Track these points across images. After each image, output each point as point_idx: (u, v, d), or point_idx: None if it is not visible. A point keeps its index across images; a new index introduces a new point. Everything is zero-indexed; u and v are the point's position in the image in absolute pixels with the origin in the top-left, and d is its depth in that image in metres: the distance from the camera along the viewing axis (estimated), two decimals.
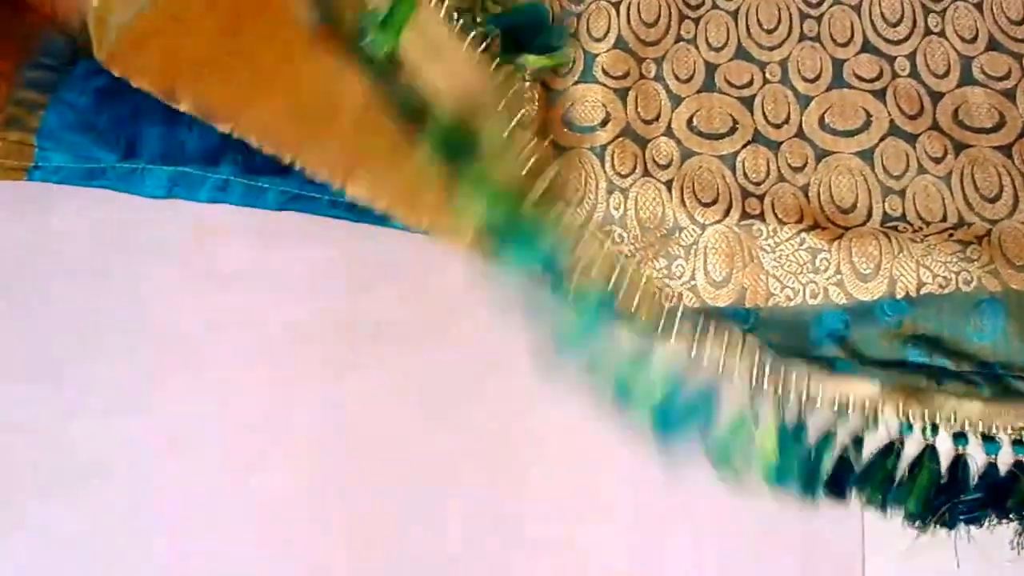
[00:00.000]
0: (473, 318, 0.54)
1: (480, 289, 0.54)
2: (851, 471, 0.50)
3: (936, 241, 0.51)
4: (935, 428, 0.50)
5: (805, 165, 0.54)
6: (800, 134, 0.55)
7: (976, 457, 0.50)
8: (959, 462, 0.50)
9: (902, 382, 0.50)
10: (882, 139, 0.55)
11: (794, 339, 0.51)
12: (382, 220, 0.57)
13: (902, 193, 0.53)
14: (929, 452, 0.50)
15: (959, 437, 0.50)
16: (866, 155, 0.54)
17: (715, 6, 0.59)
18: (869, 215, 0.53)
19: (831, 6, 0.59)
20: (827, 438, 0.50)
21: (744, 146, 0.55)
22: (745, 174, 0.54)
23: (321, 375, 0.54)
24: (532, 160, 0.51)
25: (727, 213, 0.53)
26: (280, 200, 0.58)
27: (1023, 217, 0.52)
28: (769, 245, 0.52)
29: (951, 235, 0.51)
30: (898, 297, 0.50)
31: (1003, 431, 0.49)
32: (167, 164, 0.58)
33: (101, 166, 0.58)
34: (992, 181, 0.53)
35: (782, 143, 0.55)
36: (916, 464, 0.50)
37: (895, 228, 0.52)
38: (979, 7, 0.58)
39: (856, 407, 0.50)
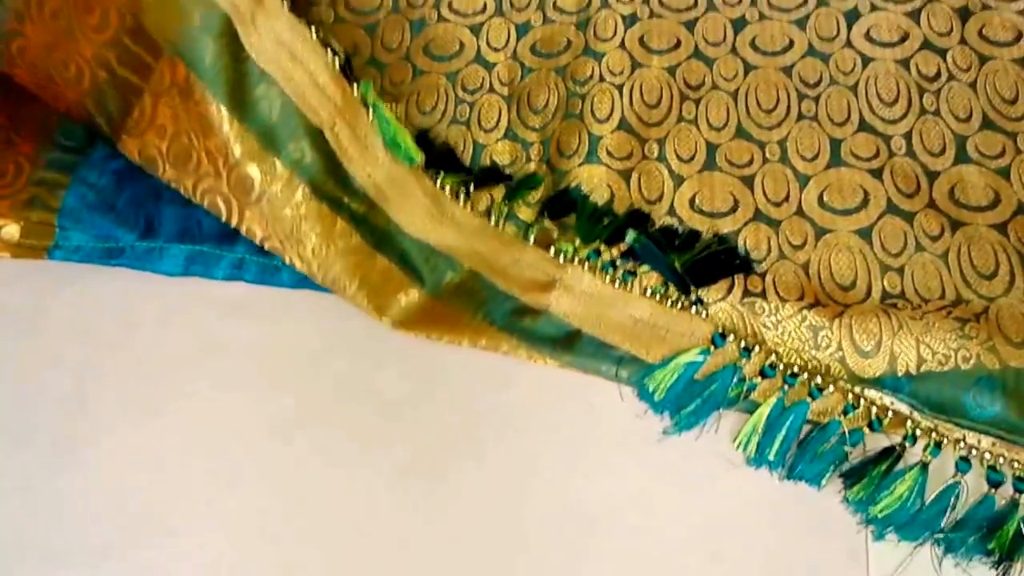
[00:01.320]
0: (471, 388, 0.56)
1: (478, 359, 0.55)
2: (841, 463, 0.51)
3: (935, 318, 0.52)
4: (938, 446, 0.51)
5: (805, 243, 0.55)
6: (800, 212, 0.56)
7: (969, 485, 0.50)
8: (951, 488, 0.50)
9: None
10: (880, 217, 0.56)
11: None
12: None
13: (900, 270, 0.54)
14: (920, 467, 0.50)
15: (963, 461, 0.50)
16: (864, 233, 0.55)
17: (715, 87, 0.61)
18: (869, 292, 0.54)
19: (828, 86, 0.60)
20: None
21: (745, 224, 0.56)
22: (747, 252, 0.55)
23: (330, 450, 0.54)
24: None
25: (730, 291, 0.54)
26: (294, 278, 0.59)
27: (1020, 294, 0.53)
28: (771, 322, 0.53)
29: (949, 312, 0.52)
30: (899, 374, 0.51)
31: (1008, 465, 0.50)
32: (184, 243, 0.60)
33: (120, 245, 0.60)
34: (988, 258, 0.54)
35: (782, 221, 0.56)
36: (904, 474, 0.51)
37: (894, 305, 0.53)
38: (973, 86, 0.60)
39: (867, 409, 0.52)
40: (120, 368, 0.57)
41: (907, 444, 0.51)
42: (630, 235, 0.54)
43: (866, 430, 0.52)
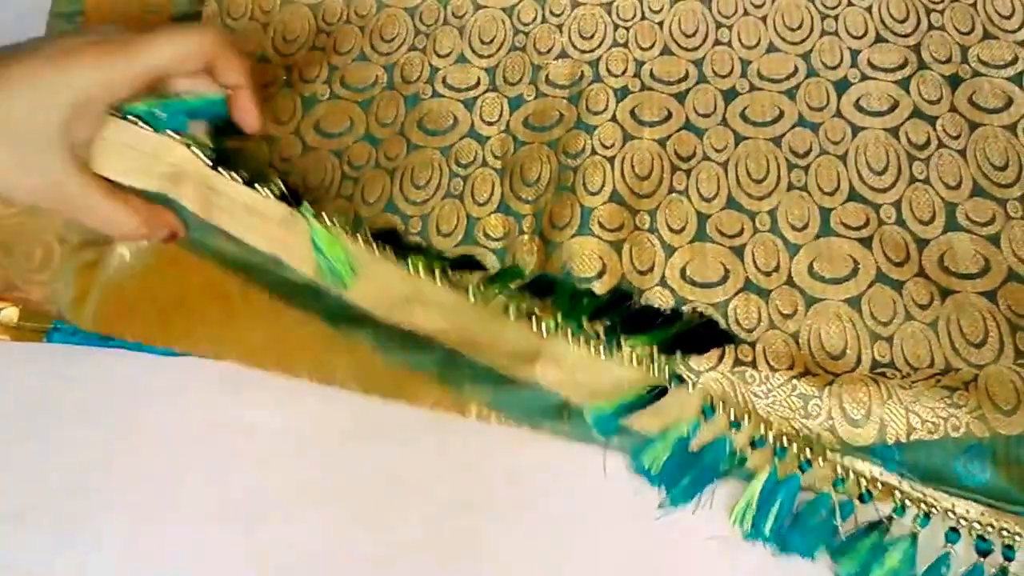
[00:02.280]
0: (488, 464, 0.56)
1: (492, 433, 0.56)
2: (832, 536, 0.51)
3: (924, 387, 0.52)
4: (927, 517, 0.51)
5: (795, 312, 0.56)
6: (790, 282, 0.57)
7: (960, 554, 0.50)
8: (941, 559, 0.50)
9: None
10: (869, 286, 0.56)
11: None
12: None
13: (890, 339, 0.54)
14: (910, 539, 0.50)
15: (952, 532, 0.50)
16: (854, 302, 0.56)
17: (706, 158, 0.62)
18: (859, 361, 0.54)
19: (818, 156, 0.61)
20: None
21: (736, 294, 0.57)
22: (737, 321, 0.56)
23: (335, 527, 0.55)
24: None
25: (720, 359, 0.54)
26: None
27: (1009, 362, 0.53)
28: (762, 391, 0.53)
29: (938, 381, 0.52)
30: (889, 443, 0.51)
31: (997, 534, 0.50)
32: None
33: None
34: (977, 326, 0.54)
35: (772, 291, 0.57)
36: (893, 546, 0.50)
37: (883, 374, 0.53)
38: (963, 153, 0.60)
39: (856, 481, 0.51)
40: (122, 452, 0.58)
41: (895, 515, 0.51)
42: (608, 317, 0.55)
43: (856, 502, 0.51)
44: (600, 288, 0.57)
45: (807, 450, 0.51)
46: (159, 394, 0.59)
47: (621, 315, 0.56)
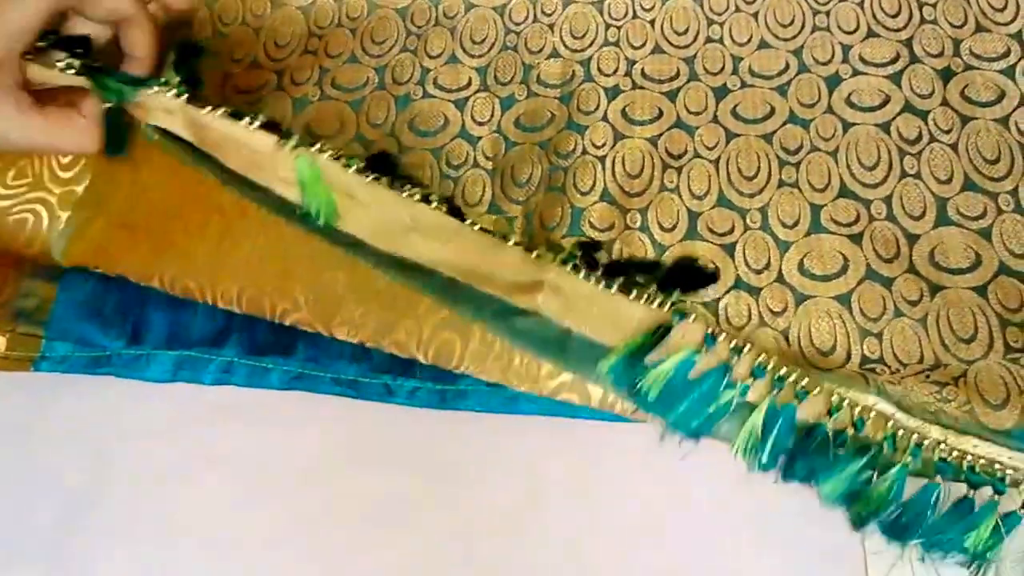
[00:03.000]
0: (479, 492, 0.56)
1: (484, 462, 0.55)
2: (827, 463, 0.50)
3: (913, 382, 0.52)
4: (919, 447, 0.49)
5: (785, 309, 0.56)
6: (780, 279, 0.57)
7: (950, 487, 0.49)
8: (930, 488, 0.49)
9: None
10: (859, 283, 0.56)
11: None
12: (384, 397, 0.59)
13: (879, 336, 0.55)
14: (900, 468, 0.49)
15: (942, 463, 0.49)
16: (844, 299, 0.56)
17: (697, 155, 0.62)
18: (848, 358, 0.54)
19: (809, 152, 0.61)
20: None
21: (727, 292, 0.57)
22: (728, 320, 0.56)
23: (328, 559, 0.55)
24: None
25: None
26: (284, 380, 0.60)
27: (999, 357, 0.53)
28: None
29: (928, 376, 0.52)
30: None
31: (990, 466, 0.49)
32: (172, 348, 0.60)
33: (107, 354, 0.61)
34: (967, 321, 0.54)
35: (763, 288, 0.57)
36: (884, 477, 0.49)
37: (873, 370, 0.53)
38: (954, 147, 0.60)
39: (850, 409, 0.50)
40: (112, 483, 0.58)
41: (886, 445, 0.50)
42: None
43: (850, 430, 0.50)
44: None
45: (804, 379, 0.50)
46: (149, 423, 0.59)
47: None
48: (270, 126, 0.53)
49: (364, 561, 0.54)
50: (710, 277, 0.57)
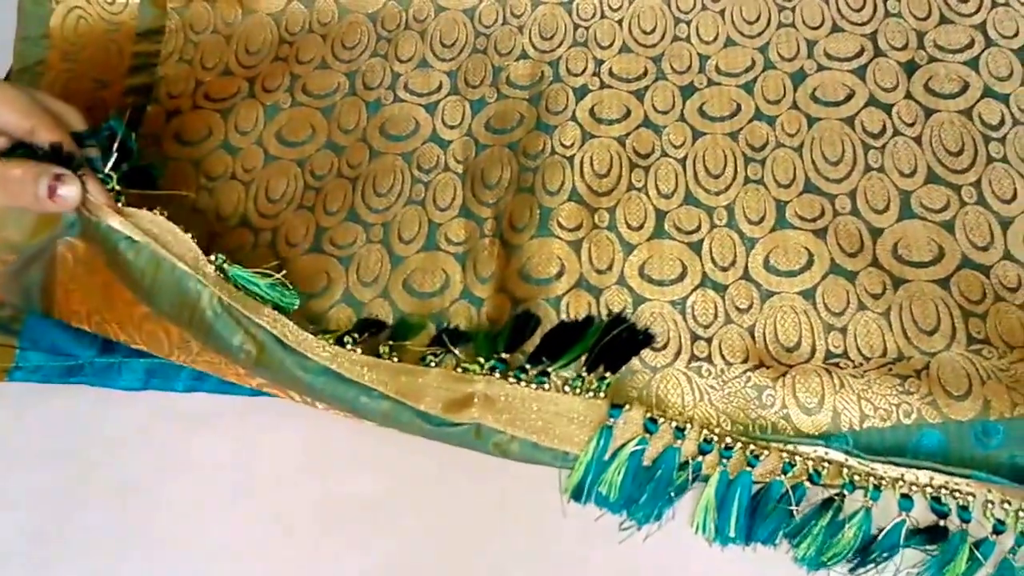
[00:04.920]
0: (451, 493, 0.56)
1: (456, 464, 0.56)
2: (788, 521, 0.51)
3: (876, 376, 0.53)
4: (877, 488, 0.51)
5: (751, 306, 0.57)
6: (746, 276, 0.58)
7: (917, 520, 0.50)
8: (897, 527, 0.50)
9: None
10: (823, 278, 0.57)
11: None
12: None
13: (843, 330, 0.55)
14: (864, 513, 0.50)
15: (904, 499, 0.50)
16: (808, 294, 0.57)
17: (664, 154, 0.63)
18: (813, 352, 0.55)
19: (774, 149, 0.62)
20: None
21: (693, 290, 0.58)
22: (695, 318, 0.57)
23: (301, 564, 0.55)
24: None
25: (677, 356, 0.55)
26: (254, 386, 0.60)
27: (961, 348, 0.54)
28: (718, 384, 0.54)
29: (890, 369, 0.53)
30: (843, 430, 0.52)
31: (951, 496, 0.50)
32: (143, 356, 0.60)
33: (80, 363, 0.61)
34: (930, 314, 0.55)
35: (729, 285, 0.57)
36: (848, 522, 0.50)
37: (837, 365, 0.54)
38: (918, 140, 0.61)
39: (804, 464, 0.51)
40: (88, 491, 0.58)
41: (846, 492, 0.51)
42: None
43: (807, 484, 0.52)
44: (559, 288, 0.58)
45: (751, 445, 0.52)
46: (122, 431, 0.60)
47: (543, 340, 0.56)
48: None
49: (338, 565, 0.55)
50: (643, 342, 0.57)
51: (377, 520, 0.56)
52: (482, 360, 0.55)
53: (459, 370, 0.54)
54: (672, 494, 0.52)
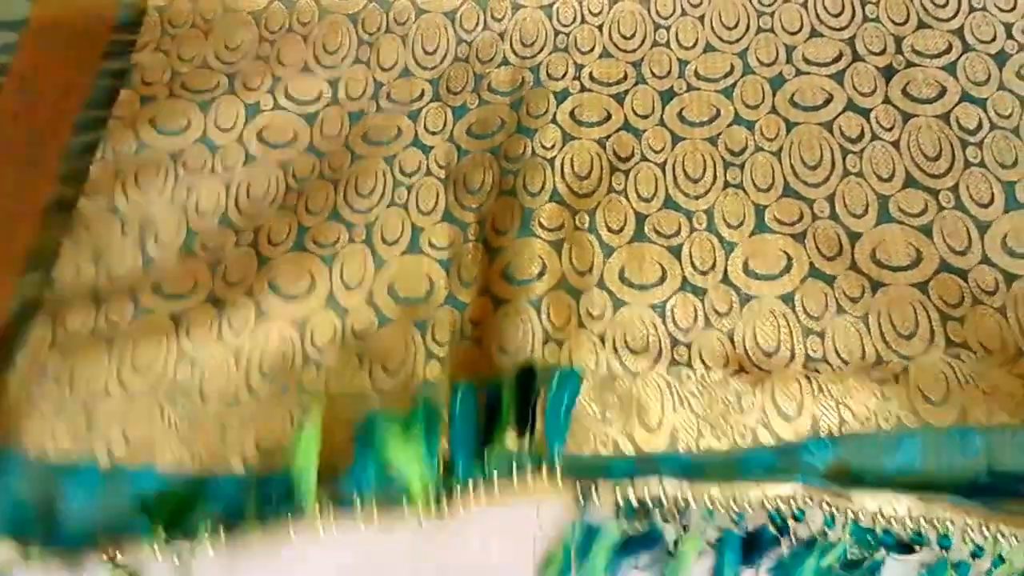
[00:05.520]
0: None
1: None
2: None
3: (854, 381, 0.53)
4: (857, 523, 0.51)
5: (730, 310, 0.57)
6: (726, 280, 0.58)
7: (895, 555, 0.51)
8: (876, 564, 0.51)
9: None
10: (802, 281, 0.57)
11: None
12: None
13: (822, 334, 0.56)
14: (844, 551, 0.51)
15: (885, 534, 0.51)
16: (787, 298, 0.57)
17: (644, 158, 0.63)
18: (792, 357, 0.55)
19: (753, 153, 0.62)
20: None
21: (673, 294, 0.58)
22: (675, 322, 0.57)
23: None
24: None
25: (657, 361, 0.55)
26: None
27: (939, 352, 0.54)
28: (697, 389, 0.54)
29: (869, 374, 0.53)
30: (822, 435, 0.52)
31: (930, 526, 0.50)
32: None
33: None
34: (908, 318, 0.56)
35: (708, 290, 0.58)
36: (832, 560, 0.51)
37: (815, 369, 0.54)
38: (896, 145, 0.62)
39: (782, 503, 0.51)
40: None
41: (827, 528, 0.51)
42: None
43: (792, 523, 0.52)
44: (541, 288, 0.58)
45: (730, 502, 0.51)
46: None
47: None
48: None
49: None
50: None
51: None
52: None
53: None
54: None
